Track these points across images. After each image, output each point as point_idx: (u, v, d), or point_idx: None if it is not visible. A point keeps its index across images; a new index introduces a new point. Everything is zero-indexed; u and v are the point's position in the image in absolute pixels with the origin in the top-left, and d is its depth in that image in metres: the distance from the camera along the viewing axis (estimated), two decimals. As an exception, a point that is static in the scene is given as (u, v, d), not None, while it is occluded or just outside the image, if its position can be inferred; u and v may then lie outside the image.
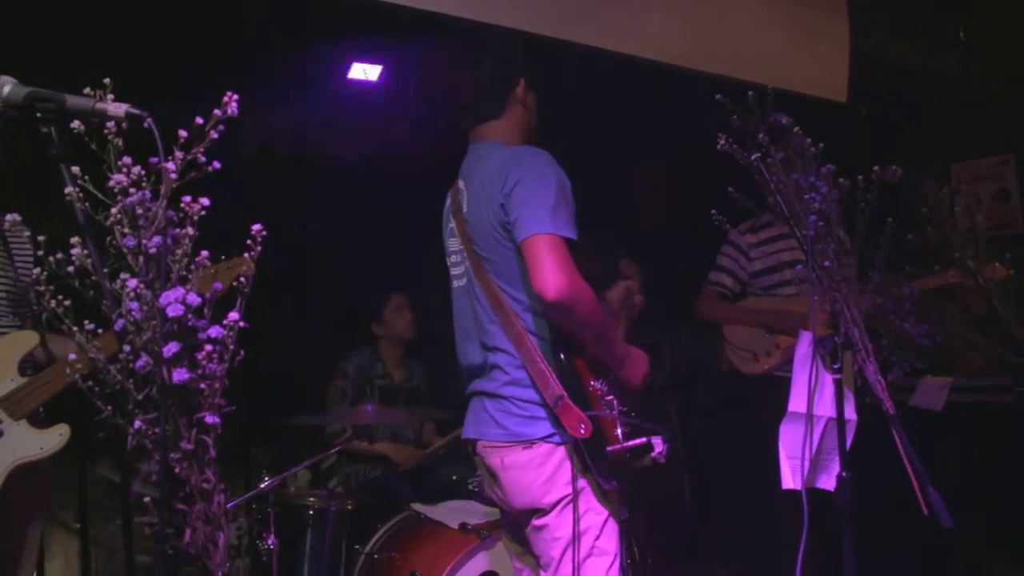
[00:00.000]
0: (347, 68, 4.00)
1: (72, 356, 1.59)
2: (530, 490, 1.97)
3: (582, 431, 1.87)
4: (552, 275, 1.83)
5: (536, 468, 1.96)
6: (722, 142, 2.13)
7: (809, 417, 2.01)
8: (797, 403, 2.04)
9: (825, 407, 2.02)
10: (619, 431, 1.96)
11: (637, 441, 1.95)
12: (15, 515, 2.20)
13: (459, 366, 2.20)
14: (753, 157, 2.07)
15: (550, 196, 1.90)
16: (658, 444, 1.95)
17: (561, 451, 1.96)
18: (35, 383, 2.12)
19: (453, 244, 2.16)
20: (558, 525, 1.96)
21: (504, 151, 2.05)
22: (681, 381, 4.67)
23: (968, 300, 3.13)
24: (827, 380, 1.99)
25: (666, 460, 1.96)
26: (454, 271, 2.17)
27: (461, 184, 2.14)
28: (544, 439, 1.96)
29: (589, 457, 1.92)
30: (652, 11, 3.46)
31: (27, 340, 2.20)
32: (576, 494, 1.93)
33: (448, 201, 2.21)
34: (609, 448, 1.93)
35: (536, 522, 2.00)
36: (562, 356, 1.94)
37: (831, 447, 2.03)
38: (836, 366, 1.96)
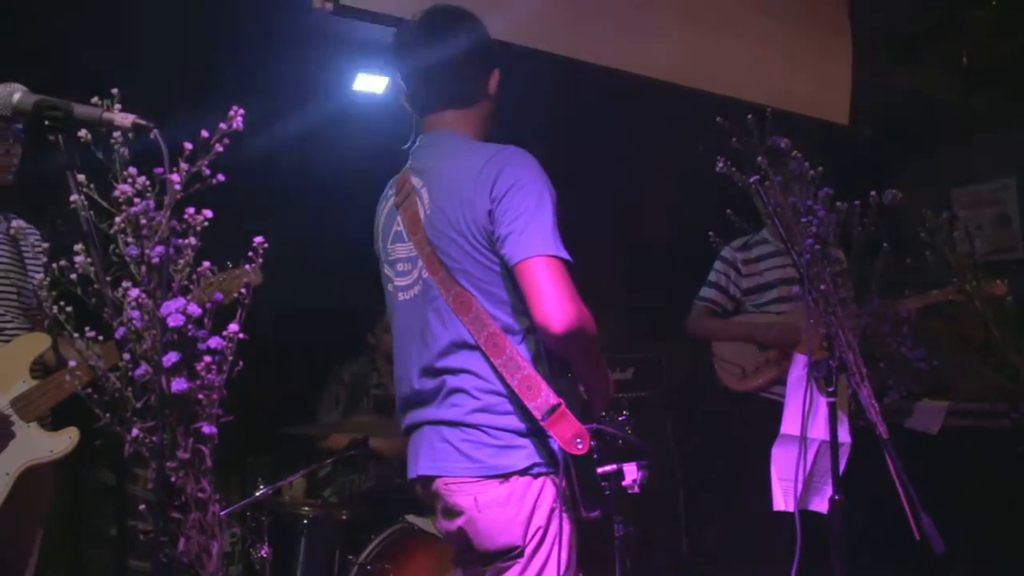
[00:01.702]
0: (351, 79, 4.02)
1: (72, 363, 1.61)
2: (510, 528, 1.72)
3: (579, 446, 1.64)
4: (561, 305, 1.63)
5: (516, 503, 1.71)
6: (721, 164, 2.14)
7: (803, 439, 2.01)
8: (790, 425, 2.04)
9: (819, 430, 2.02)
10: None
11: (606, 468, 1.72)
12: (23, 516, 2.21)
13: (398, 394, 1.90)
14: (751, 180, 2.08)
15: (548, 211, 1.68)
16: (631, 471, 1.73)
17: (539, 483, 1.73)
18: (46, 386, 2.13)
19: (400, 250, 1.85)
20: (528, 567, 1.73)
21: (483, 147, 1.79)
22: (678, 397, 4.67)
23: (966, 326, 3.14)
24: (821, 403, 1.99)
25: (640, 490, 1.73)
26: (399, 282, 1.86)
27: (415, 180, 1.83)
28: (522, 472, 1.71)
29: (578, 484, 1.69)
30: (658, 32, 3.49)
31: (39, 343, 2.21)
32: (556, 531, 1.71)
33: (390, 200, 1.90)
34: None
35: (503, 564, 1.75)
36: (556, 364, 1.72)
37: (824, 470, 2.03)
38: (830, 389, 1.96)
